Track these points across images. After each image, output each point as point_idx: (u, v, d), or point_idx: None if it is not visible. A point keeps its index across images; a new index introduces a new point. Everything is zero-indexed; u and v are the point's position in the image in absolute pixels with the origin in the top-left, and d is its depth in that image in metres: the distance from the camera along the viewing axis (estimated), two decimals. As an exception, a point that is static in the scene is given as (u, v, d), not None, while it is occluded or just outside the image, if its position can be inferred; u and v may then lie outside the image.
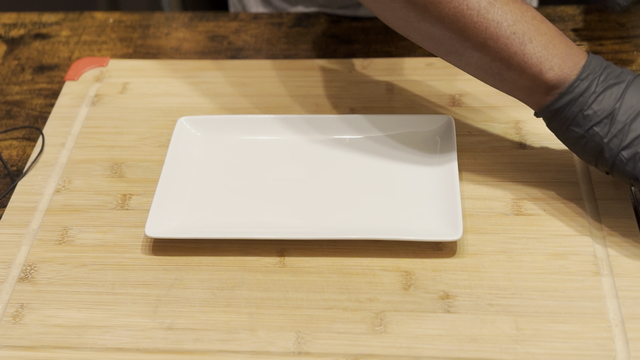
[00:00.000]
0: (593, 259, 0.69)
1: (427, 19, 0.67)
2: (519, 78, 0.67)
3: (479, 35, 0.66)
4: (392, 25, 0.71)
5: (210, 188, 0.77)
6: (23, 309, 0.69)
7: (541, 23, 0.67)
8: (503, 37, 0.66)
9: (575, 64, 0.66)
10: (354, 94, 0.87)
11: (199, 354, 0.65)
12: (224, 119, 0.83)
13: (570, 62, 0.66)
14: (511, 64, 0.66)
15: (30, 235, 0.75)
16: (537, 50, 0.66)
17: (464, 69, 0.70)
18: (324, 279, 0.69)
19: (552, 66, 0.66)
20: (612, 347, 0.63)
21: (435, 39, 0.69)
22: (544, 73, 0.66)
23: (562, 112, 0.67)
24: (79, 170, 0.81)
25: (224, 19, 1.00)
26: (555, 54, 0.66)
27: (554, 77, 0.66)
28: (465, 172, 0.77)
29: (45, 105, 0.90)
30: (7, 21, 1.03)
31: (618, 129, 0.65)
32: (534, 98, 0.68)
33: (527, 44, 0.66)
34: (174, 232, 0.72)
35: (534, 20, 0.66)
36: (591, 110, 0.65)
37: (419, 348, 0.64)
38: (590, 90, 0.65)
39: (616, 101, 0.65)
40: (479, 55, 0.67)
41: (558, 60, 0.66)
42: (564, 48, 0.66)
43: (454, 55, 0.69)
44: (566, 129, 0.67)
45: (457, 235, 0.69)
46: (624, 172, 0.66)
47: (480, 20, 0.66)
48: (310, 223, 0.73)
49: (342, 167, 0.78)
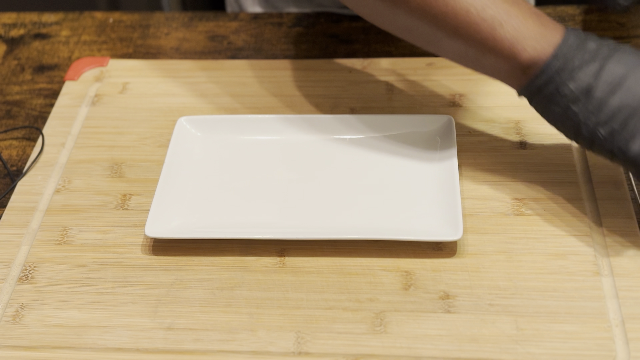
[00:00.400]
0: (593, 259, 0.69)
1: (399, 12, 0.68)
2: (495, 62, 0.67)
3: (449, 24, 0.67)
4: (371, 19, 0.73)
5: (210, 188, 0.77)
6: (23, 309, 0.69)
7: (512, 6, 0.66)
8: (473, 24, 0.66)
9: (549, 43, 0.66)
10: (354, 94, 0.87)
11: (199, 354, 0.65)
12: (224, 119, 0.83)
13: (544, 41, 0.66)
14: (485, 50, 0.67)
15: (30, 235, 0.75)
16: (508, 33, 0.66)
17: (446, 57, 0.71)
18: (324, 279, 0.69)
19: (525, 47, 0.66)
20: (612, 347, 0.63)
21: (411, 31, 0.70)
22: (518, 55, 0.66)
23: (540, 92, 0.67)
24: (79, 170, 0.81)
25: (224, 19, 1.00)
26: (527, 35, 0.66)
27: (528, 58, 0.66)
28: (465, 172, 0.77)
29: (45, 105, 0.90)
30: (7, 21, 1.03)
31: (594, 106, 0.65)
32: (513, 79, 0.68)
33: (498, 29, 0.66)
34: (174, 232, 0.72)
35: (504, 4, 0.66)
36: (567, 88, 0.65)
37: (419, 348, 0.64)
38: (567, 68, 0.65)
39: (593, 77, 0.65)
40: (453, 43, 0.68)
41: (531, 41, 0.66)
42: (538, 27, 0.66)
43: (431, 44, 0.70)
44: (546, 108, 0.68)
45: (457, 235, 0.69)
46: (602, 149, 0.66)
47: (448, 9, 0.66)
48: (310, 223, 0.73)
49: (342, 167, 0.78)
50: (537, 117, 0.79)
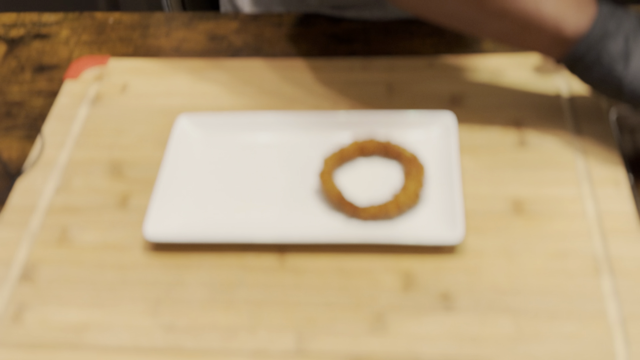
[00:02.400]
0: (593, 259, 0.69)
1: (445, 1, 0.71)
2: (538, 38, 0.71)
3: (495, 7, 0.70)
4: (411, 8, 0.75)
5: (210, 188, 0.77)
6: (23, 309, 0.69)
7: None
8: (519, 4, 0.69)
9: (587, 14, 0.70)
10: (354, 94, 0.87)
11: (199, 354, 0.65)
12: (224, 118, 0.82)
13: (582, 13, 0.70)
14: (530, 27, 0.70)
15: (30, 235, 0.75)
16: (551, 9, 0.69)
17: (486, 37, 0.74)
18: (324, 279, 0.69)
19: (568, 21, 0.70)
20: (612, 347, 0.63)
21: (455, 16, 0.73)
22: (562, 30, 0.70)
23: (581, 60, 0.71)
24: (79, 170, 0.81)
25: (224, 19, 1.00)
26: (567, 10, 0.70)
27: (572, 31, 0.70)
28: (465, 172, 0.77)
29: (45, 105, 0.90)
30: (7, 21, 1.03)
31: (634, 68, 0.69)
32: (554, 51, 0.72)
33: (542, 7, 0.69)
34: (174, 232, 0.72)
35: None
36: (607, 53, 0.70)
37: (419, 348, 0.64)
38: (605, 35, 0.69)
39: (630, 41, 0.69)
40: (499, 24, 0.71)
41: (571, 15, 0.70)
42: (576, 2, 0.70)
43: (475, 27, 0.73)
44: (588, 74, 0.72)
45: (457, 235, 0.69)
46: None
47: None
48: (311, 223, 0.73)
49: (342, 167, 0.78)
50: (537, 117, 0.79)
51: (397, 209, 0.71)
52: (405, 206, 0.71)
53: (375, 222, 0.72)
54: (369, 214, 0.71)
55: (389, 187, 0.75)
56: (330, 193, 0.72)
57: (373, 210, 0.71)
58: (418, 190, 0.72)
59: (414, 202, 0.72)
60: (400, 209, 0.71)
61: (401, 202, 0.71)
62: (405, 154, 0.76)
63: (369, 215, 0.71)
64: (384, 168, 0.77)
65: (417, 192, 0.72)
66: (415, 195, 0.72)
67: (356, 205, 0.72)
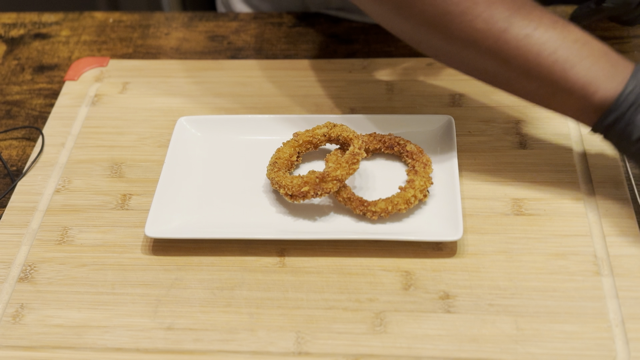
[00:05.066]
0: (593, 259, 0.69)
1: (469, 53, 0.68)
2: (567, 102, 0.68)
3: (520, 67, 0.67)
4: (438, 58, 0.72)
5: (210, 188, 0.77)
6: (23, 309, 0.69)
7: (584, 46, 0.66)
8: (545, 66, 0.66)
9: (620, 81, 0.66)
10: (354, 94, 0.87)
11: (199, 354, 0.65)
12: (224, 119, 0.83)
13: (614, 80, 0.66)
14: (556, 90, 0.67)
15: (30, 235, 0.75)
16: (580, 74, 0.66)
17: (514, 94, 0.71)
18: (324, 279, 0.69)
19: (598, 88, 0.66)
20: (612, 347, 0.63)
21: (480, 70, 0.70)
22: (590, 96, 0.66)
23: (612, 127, 0.67)
24: (79, 170, 0.81)
25: (224, 19, 1.00)
26: (599, 75, 0.66)
27: (600, 98, 0.66)
28: (465, 172, 0.77)
29: (45, 105, 0.90)
30: (7, 21, 1.03)
31: None
32: (584, 117, 0.68)
33: (570, 70, 0.66)
34: (174, 232, 0.72)
35: (576, 44, 0.66)
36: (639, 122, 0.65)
37: (419, 348, 0.64)
38: (637, 102, 0.65)
39: None
40: (524, 83, 0.68)
41: (603, 80, 0.66)
42: (609, 67, 0.66)
43: (501, 84, 0.70)
44: (620, 142, 0.67)
45: (457, 235, 0.69)
46: None
47: (520, 52, 0.66)
48: (310, 223, 0.73)
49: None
50: (537, 117, 0.79)
51: (405, 203, 0.71)
52: (414, 199, 0.71)
53: (376, 221, 0.72)
54: (378, 209, 0.71)
55: (394, 183, 0.75)
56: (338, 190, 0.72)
57: (382, 204, 0.71)
58: (427, 183, 0.72)
59: (423, 196, 0.72)
60: (409, 203, 0.71)
61: (409, 195, 0.71)
62: (411, 147, 0.76)
63: (378, 209, 0.71)
64: (388, 165, 0.77)
65: (426, 186, 0.72)
66: (424, 188, 0.72)
67: (365, 200, 0.72)
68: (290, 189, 0.71)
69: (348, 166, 0.72)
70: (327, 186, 0.71)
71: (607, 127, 0.67)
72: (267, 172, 0.75)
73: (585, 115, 0.68)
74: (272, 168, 0.75)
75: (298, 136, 0.77)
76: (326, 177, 0.71)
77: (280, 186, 0.72)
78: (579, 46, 0.66)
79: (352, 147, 0.73)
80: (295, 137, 0.77)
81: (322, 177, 0.71)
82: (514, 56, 0.66)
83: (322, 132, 0.76)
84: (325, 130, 0.76)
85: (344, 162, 0.72)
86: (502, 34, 0.66)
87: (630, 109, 0.65)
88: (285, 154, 0.76)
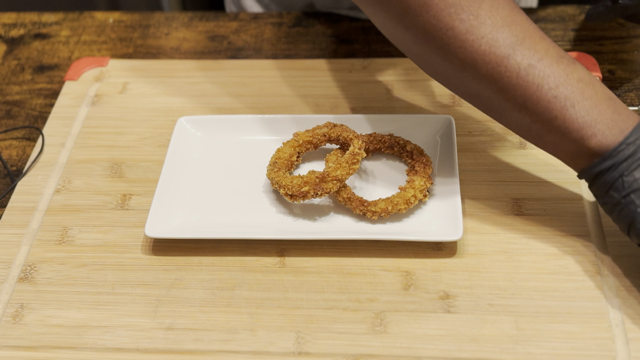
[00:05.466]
0: (593, 259, 0.69)
1: (466, 76, 0.66)
2: (560, 142, 0.65)
3: (517, 97, 0.64)
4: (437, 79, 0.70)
5: (210, 188, 0.77)
6: (23, 309, 0.69)
7: (587, 86, 0.64)
8: (543, 101, 0.63)
9: (621, 130, 0.63)
10: (354, 94, 0.87)
11: (199, 354, 0.65)
12: (224, 119, 0.83)
13: (616, 128, 0.63)
14: (552, 128, 0.64)
15: (30, 235, 0.75)
16: (579, 115, 0.63)
17: (506, 126, 0.68)
18: (324, 279, 0.69)
19: (595, 132, 0.63)
20: (612, 347, 0.63)
21: (476, 96, 0.67)
22: (586, 139, 0.63)
23: (602, 176, 0.64)
24: (79, 170, 0.81)
25: (224, 19, 1.00)
26: (599, 119, 0.63)
27: (596, 143, 0.63)
28: (465, 172, 0.77)
29: (45, 105, 0.90)
30: (7, 21, 1.03)
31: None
32: (575, 161, 0.66)
33: (569, 109, 0.63)
34: (174, 232, 0.72)
35: (579, 83, 0.63)
36: (632, 176, 0.62)
37: (419, 348, 0.64)
38: (635, 156, 0.62)
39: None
40: (518, 115, 0.65)
41: (602, 126, 0.63)
42: (611, 113, 0.63)
43: (495, 113, 0.68)
44: (605, 194, 0.64)
45: (457, 235, 0.69)
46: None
47: (519, 82, 0.63)
48: (310, 223, 0.73)
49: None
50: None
51: (405, 203, 0.71)
52: (414, 199, 0.71)
53: (376, 221, 0.72)
54: (378, 209, 0.71)
55: (394, 183, 0.75)
56: (338, 190, 0.72)
57: (382, 204, 0.71)
58: (427, 183, 0.72)
59: (423, 196, 0.72)
60: (409, 203, 0.71)
61: (409, 195, 0.71)
62: (411, 147, 0.76)
63: (378, 209, 0.71)
64: (388, 165, 0.77)
65: (426, 186, 0.72)
66: (424, 188, 0.72)
67: (365, 200, 0.72)
68: (290, 189, 0.71)
69: (348, 166, 0.72)
70: (327, 186, 0.71)
71: (597, 174, 0.64)
72: (267, 172, 0.75)
73: (576, 158, 0.65)
74: (272, 168, 0.75)
75: (298, 136, 0.77)
76: (326, 177, 0.71)
77: (280, 186, 0.72)
78: (582, 85, 0.63)
79: (352, 147, 0.73)
80: (295, 137, 0.77)
81: (322, 177, 0.71)
82: (512, 85, 0.64)
83: (322, 132, 0.76)
84: (325, 130, 0.76)
85: (344, 162, 0.72)
86: (503, 60, 0.63)
87: (627, 161, 0.62)
88: (285, 154, 0.76)
